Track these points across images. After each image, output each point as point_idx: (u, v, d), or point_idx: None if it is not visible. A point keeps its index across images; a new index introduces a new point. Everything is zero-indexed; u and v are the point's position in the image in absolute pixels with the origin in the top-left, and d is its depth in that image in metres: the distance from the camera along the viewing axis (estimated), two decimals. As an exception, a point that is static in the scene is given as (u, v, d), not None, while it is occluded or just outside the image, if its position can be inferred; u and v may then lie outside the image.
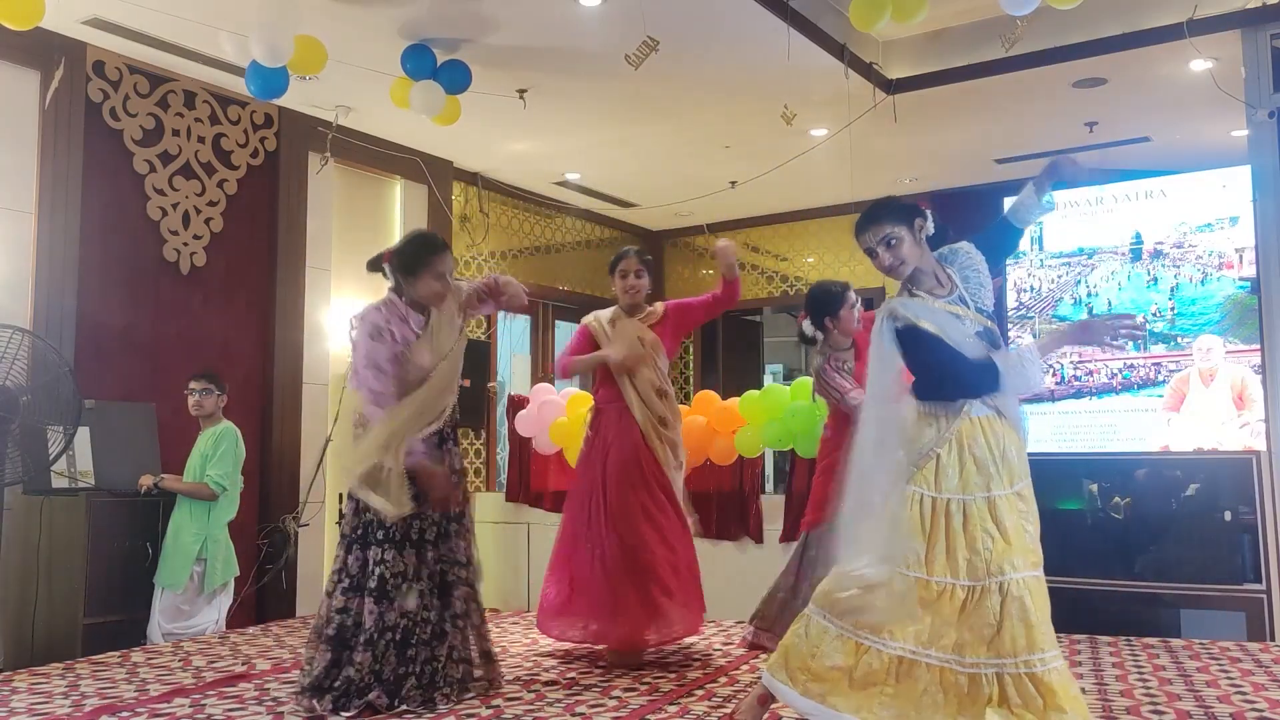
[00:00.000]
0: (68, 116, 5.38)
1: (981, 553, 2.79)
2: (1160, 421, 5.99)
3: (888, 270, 2.97)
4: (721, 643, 4.69)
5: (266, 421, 6.24)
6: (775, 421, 5.47)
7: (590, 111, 6.51)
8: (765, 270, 9.30)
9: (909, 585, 2.79)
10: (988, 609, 2.76)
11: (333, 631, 3.49)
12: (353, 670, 3.44)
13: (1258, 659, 4.20)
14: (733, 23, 5.31)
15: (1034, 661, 2.72)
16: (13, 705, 3.58)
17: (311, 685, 3.47)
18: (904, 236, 2.93)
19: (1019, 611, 2.75)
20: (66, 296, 5.34)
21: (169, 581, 4.96)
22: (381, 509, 3.44)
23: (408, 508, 3.46)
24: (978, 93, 6.24)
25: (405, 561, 3.53)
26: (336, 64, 5.23)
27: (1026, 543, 2.84)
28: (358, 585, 3.52)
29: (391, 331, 3.57)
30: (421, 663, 3.50)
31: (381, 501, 3.43)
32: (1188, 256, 6.03)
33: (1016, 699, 2.70)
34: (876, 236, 2.95)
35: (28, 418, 4.60)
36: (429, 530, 3.60)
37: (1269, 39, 5.36)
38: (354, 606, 3.51)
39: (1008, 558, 2.79)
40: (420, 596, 3.52)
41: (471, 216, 7.83)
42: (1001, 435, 2.90)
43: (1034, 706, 2.68)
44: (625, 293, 4.48)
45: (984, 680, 2.73)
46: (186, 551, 4.98)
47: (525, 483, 6.48)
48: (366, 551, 3.54)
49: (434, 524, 3.62)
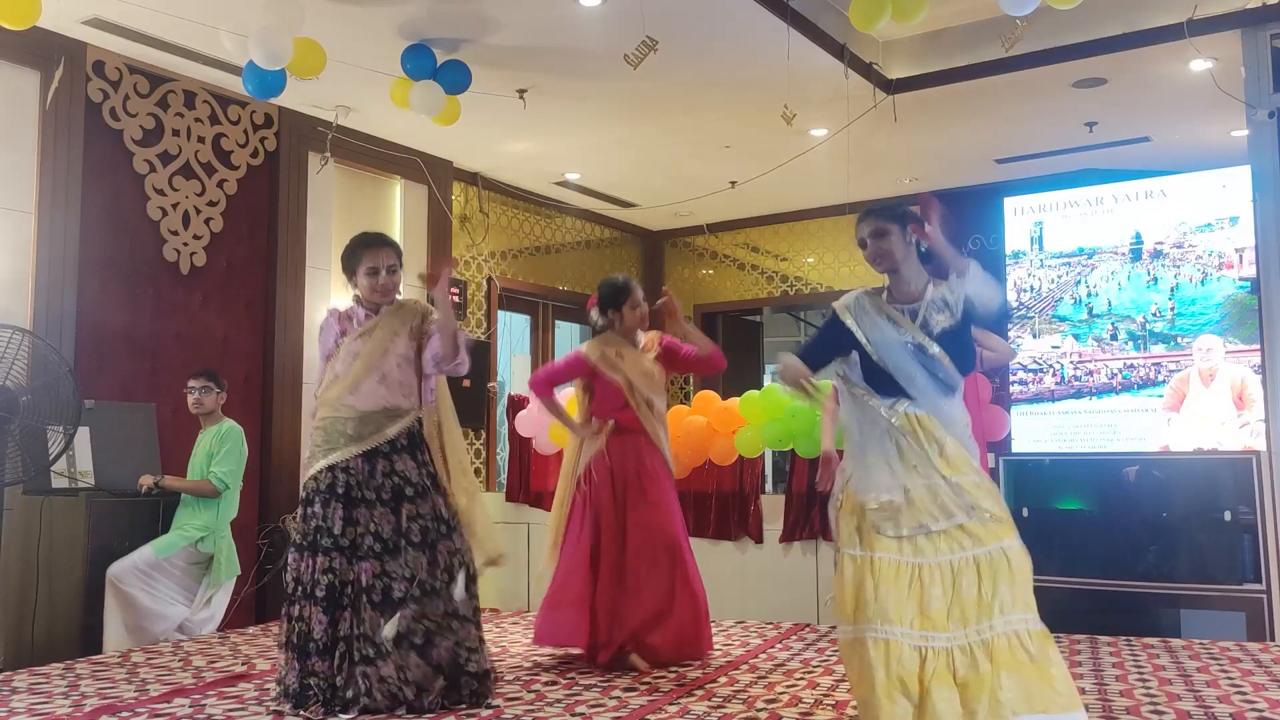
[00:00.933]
0: (68, 116, 5.38)
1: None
2: (1160, 421, 5.99)
3: (871, 261, 3.13)
4: (722, 643, 4.69)
5: (266, 421, 6.24)
6: (775, 421, 5.47)
7: (590, 111, 6.51)
8: (765, 270, 9.30)
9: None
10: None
11: (294, 640, 3.50)
12: (313, 679, 3.45)
13: (1258, 659, 4.20)
14: (733, 23, 5.31)
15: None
16: (13, 705, 3.58)
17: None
18: (893, 234, 3.07)
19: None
20: (66, 296, 5.34)
21: (160, 545, 4.94)
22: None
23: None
24: (978, 93, 6.24)
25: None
26: (336, 64, 5.23)
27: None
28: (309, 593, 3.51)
29: (332, 327, 3.74)
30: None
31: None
32: (1188, 256, 6.03)
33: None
34: (868, 229, 3.11)
35: (28, 418, 4.60)
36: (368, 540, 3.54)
37: (1269, 39, 5.36)
38: (306, 614, 3.50)
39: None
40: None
41: (471, 216, 7.83)
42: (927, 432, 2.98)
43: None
44: (641, 321, 4.50)
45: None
46: (188, 534, 4.98)
47: (525, 483, 6.48)
48: (315, 559, 3.53)
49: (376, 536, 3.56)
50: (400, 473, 3.59)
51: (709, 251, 9.55)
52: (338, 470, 3.56)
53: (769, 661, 4.31)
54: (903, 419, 2.98)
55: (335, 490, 3.54)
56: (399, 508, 3.56)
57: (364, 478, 3.56)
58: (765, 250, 9.30)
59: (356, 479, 3.55)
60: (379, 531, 3.52)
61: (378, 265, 3.71)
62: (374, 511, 3.54)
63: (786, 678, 3.96)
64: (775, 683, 3.87)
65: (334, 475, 3.56)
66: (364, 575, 3.48)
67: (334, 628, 3.46)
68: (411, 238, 7.17)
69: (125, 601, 4.82)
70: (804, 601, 5.52)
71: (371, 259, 3.71)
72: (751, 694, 3.68)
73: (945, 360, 3.00)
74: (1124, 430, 6.11)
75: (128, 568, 4.83)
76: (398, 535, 3.53)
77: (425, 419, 3.76)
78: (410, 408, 3.67)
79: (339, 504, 3.53)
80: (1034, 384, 6.36)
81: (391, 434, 3.60)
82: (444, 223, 7.33)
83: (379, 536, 3.52)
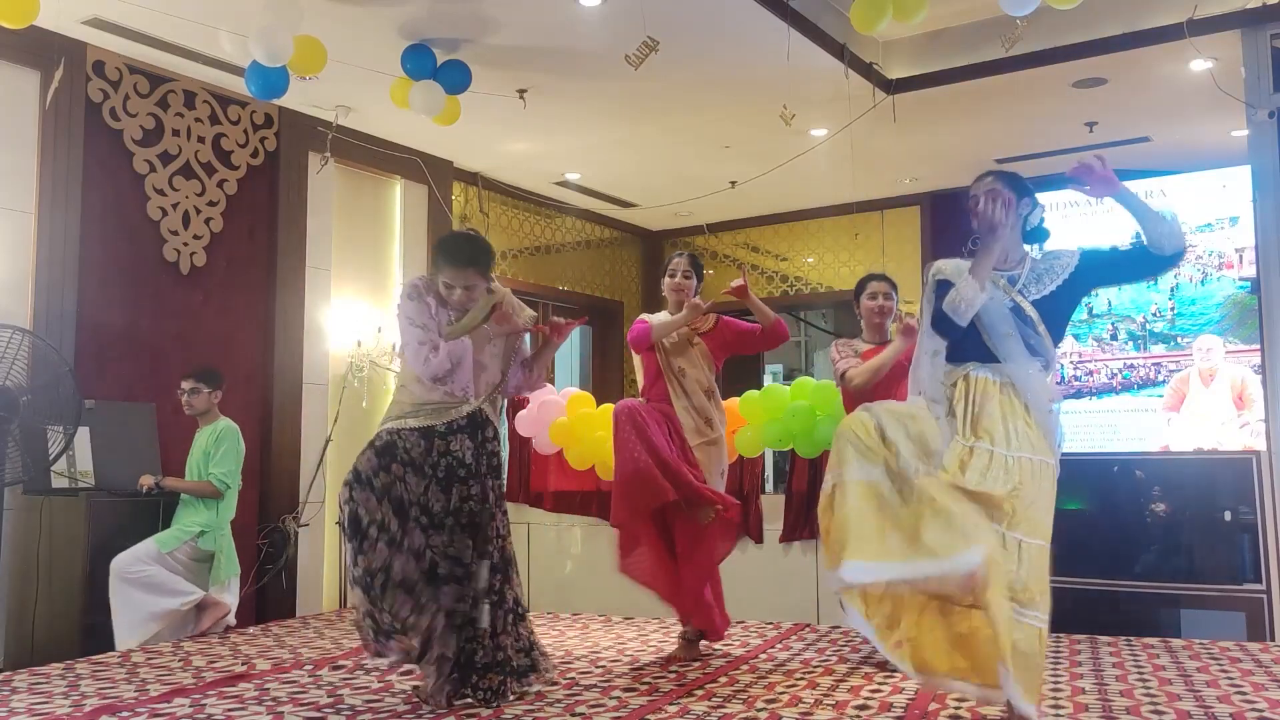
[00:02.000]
0: (68, 116, 5.38)
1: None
2: (1160, 421, 5.99)
3: (978, 217, 3.13)
4: (722, 643, 4.69)
5: (266, 421, 6.23)
6: (775, 421, 5.47)
7: (590, 111, 6.51)
8: (765, 270, 9.30)
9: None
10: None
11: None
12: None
13: (1258, 659, 4.20)
14: (733, 23, 5.31)
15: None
16: (13, 705, 3.58)
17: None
18: (1009, 201, 3.11)
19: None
20: (66, 296, 5.34)
21: (162, 539, 4.96)
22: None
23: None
24: (978, 93, 6.24)
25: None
26: (336, 64, 5.23)
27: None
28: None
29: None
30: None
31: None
32: (1188, 256, 6.03)
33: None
34: (986, 186, 3.14)
35: (28, 418, 4.60)
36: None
37: (1269, 39, 5.36)
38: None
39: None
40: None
41: (471, 216, 7.83)
42: (1003, 401, 3.03)
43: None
44: (674, 291, 4.57)
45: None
46: (188, 529, 5.00)
47: (525, 483, 6.48)
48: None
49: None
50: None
51: (709, 251, 9.55)
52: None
53: (769, 661, 4.31)
54: (984, 384, 3.04)
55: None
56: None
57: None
58: (765, 250, 9.30)
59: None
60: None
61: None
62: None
63: (786, 678, 3.96)
64: (775, 683, 3.87)
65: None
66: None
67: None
68: (411, 238, 7.17)
69: (132, 590, 4.83)
70: (804, 601, 5.53)
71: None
72: (751, 694, 3.68)
73: (1040, 325, 3.07)
74: (1124, 430, 6.11)
75: (131, 559, 4.85)
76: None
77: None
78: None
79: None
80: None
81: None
82: (444, 223, 7.33)
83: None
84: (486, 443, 3.65)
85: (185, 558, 5.01)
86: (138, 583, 4.83)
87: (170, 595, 4.89)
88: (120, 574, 4.81)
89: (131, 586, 4.82)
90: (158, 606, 4.86)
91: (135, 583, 4.83)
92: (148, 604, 4.84)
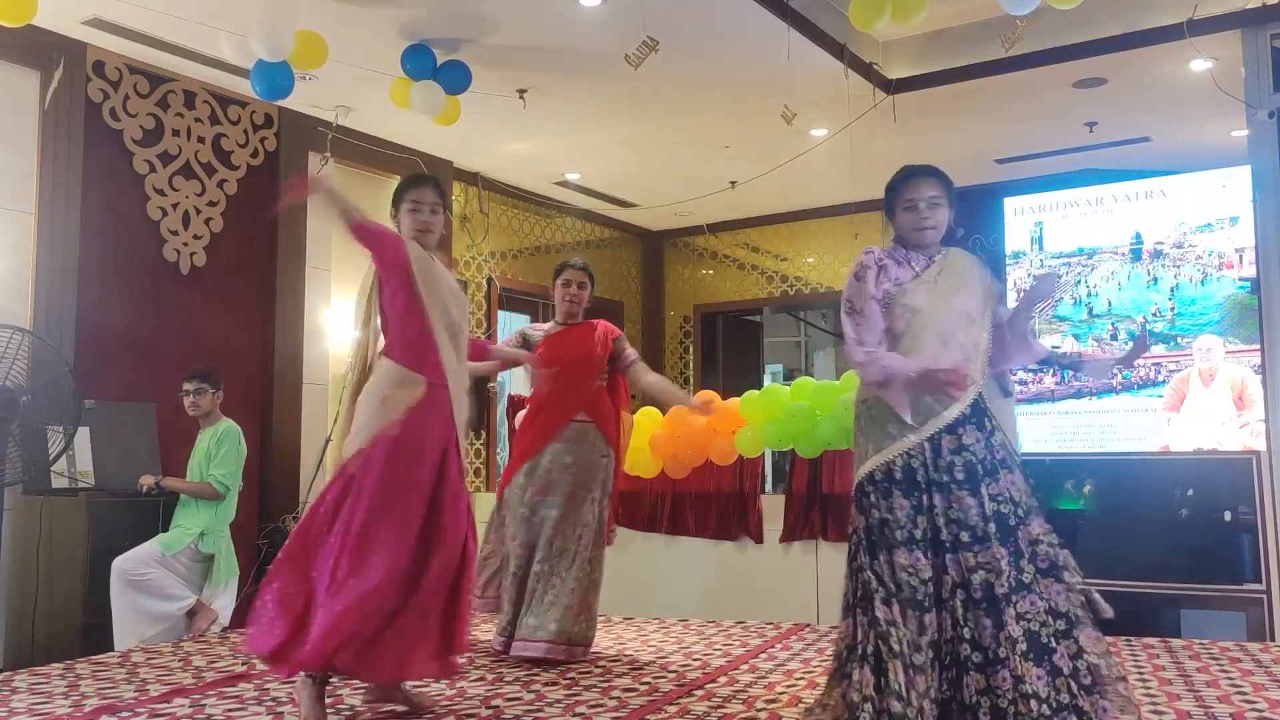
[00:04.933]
0: (68, 116, 5.38)
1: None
2: (1160, 421, 5.99)
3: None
4: (722, 643, 4.69)
5: (266, 421, 6.23)
6: (775, 421, 5.47)
7: (590, 111, 6.51)
8: (765, 270, 9.30)
9: None
10: None
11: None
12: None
13: (1258, 659, 4.20)
14: (733, 23, 5.31)
15: None
16: (13, 705, 3.58)
17: None
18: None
19: None
20: (66, 296, 5.34)
21: (165, 541, 4.95)
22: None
23: None
24: (978, 93, 6.24)
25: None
26: (336, 64, 5.23)
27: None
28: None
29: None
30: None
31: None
32: (1188, 257, 6.03)
33: None
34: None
35: (28, 418, 4.60)
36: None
37: (1269, 39, 5.36)
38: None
39: None
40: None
41: (471, 216, 7.83)
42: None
43: None
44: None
45: None
46: (189, 532, 5.00)
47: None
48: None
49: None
50: None
51: (709, 251, 9.56)
52: None
53: (769, 661, 4.31)
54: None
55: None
56: None
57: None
58: (765, 250, 9.30)
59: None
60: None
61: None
62: None
63: (786, 678, 3.96)
64: (775, 683, 3.87)
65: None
66: None
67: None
68: (411, 238, 7.17)
69: (133, 591, 4.82)
70: (804, 601, 5.52)
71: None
72: (751, 694, 3.68)
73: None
74: (1124, 430, 6.11)
75: (134, 561, 4.85)
76: None
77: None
78: None
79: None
80: (1034, 384, 6.36)
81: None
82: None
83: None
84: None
85: (186, 559, 5.00)
86: (139, 585, 4.83)
87: (167, 600, 4.89)
88: (122, 575, 4.81)
89: (132, 588, 4.82)
90: (155, 610, 4.85)
91: (136, 585, 4.83)
92: (146, 607, 4.83)
